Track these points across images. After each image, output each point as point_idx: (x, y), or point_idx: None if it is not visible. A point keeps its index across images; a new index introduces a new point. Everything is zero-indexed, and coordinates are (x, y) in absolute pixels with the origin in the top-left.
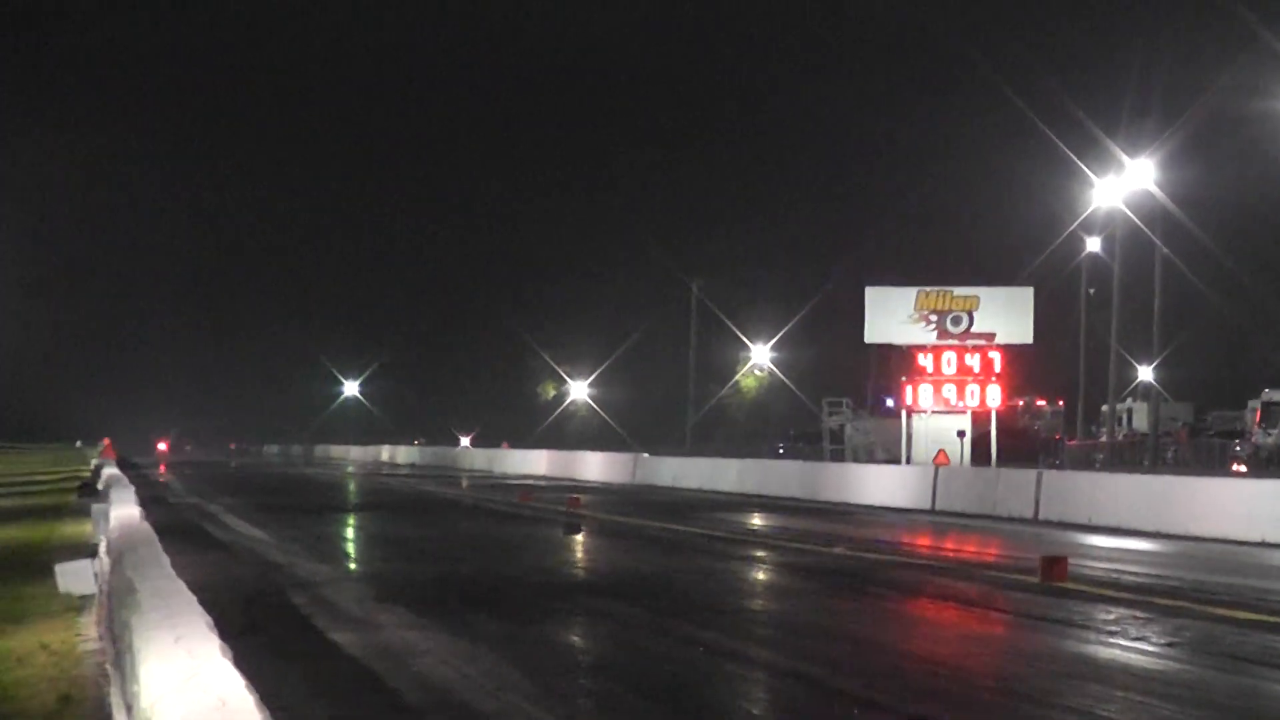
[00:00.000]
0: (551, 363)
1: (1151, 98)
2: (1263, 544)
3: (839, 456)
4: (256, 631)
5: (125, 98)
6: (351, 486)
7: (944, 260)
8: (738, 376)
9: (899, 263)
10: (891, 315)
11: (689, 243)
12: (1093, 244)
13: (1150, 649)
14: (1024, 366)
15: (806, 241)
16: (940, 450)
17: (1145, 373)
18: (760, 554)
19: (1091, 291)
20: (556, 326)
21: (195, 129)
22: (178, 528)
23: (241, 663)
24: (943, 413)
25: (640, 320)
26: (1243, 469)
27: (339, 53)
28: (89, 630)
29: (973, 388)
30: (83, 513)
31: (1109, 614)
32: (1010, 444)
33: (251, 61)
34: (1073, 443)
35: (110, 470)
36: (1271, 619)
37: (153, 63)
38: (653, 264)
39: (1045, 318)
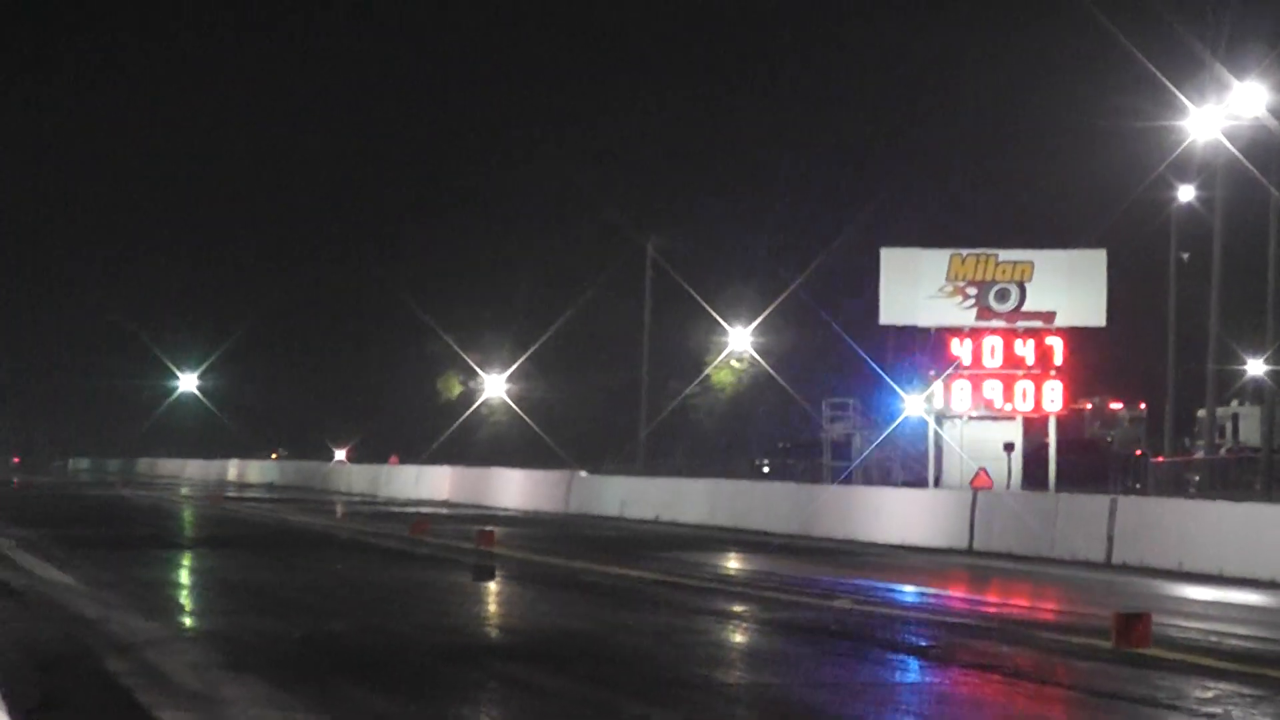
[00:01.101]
0: (458, 349)
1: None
2: None
3: (844, 478)
4: (56, 708)
5: None
6: (187, 514)
7: (986, 220)
8: (709, 369)
9: (927, 223)
10: (916, 287)
11: (647, 192)
12: (1186, 193)
13: None
14: (1094, 357)
15: (805, 194)
16: (981, 470)
17: (1256, 367)
18: (737, 608)
19: (1185, 258)
20: (466, 303)
21: None
22: None
23: None
24: (985, 419)
25: (578, 296)
26: None
27: None
28: None
29: (1024, 386)
30: None
31: (1206, 691)
32: (1075, 461)
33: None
34: (1159, 460)
35: None
36: None
37: None
38: (598, 219)
39: (1122, 293)
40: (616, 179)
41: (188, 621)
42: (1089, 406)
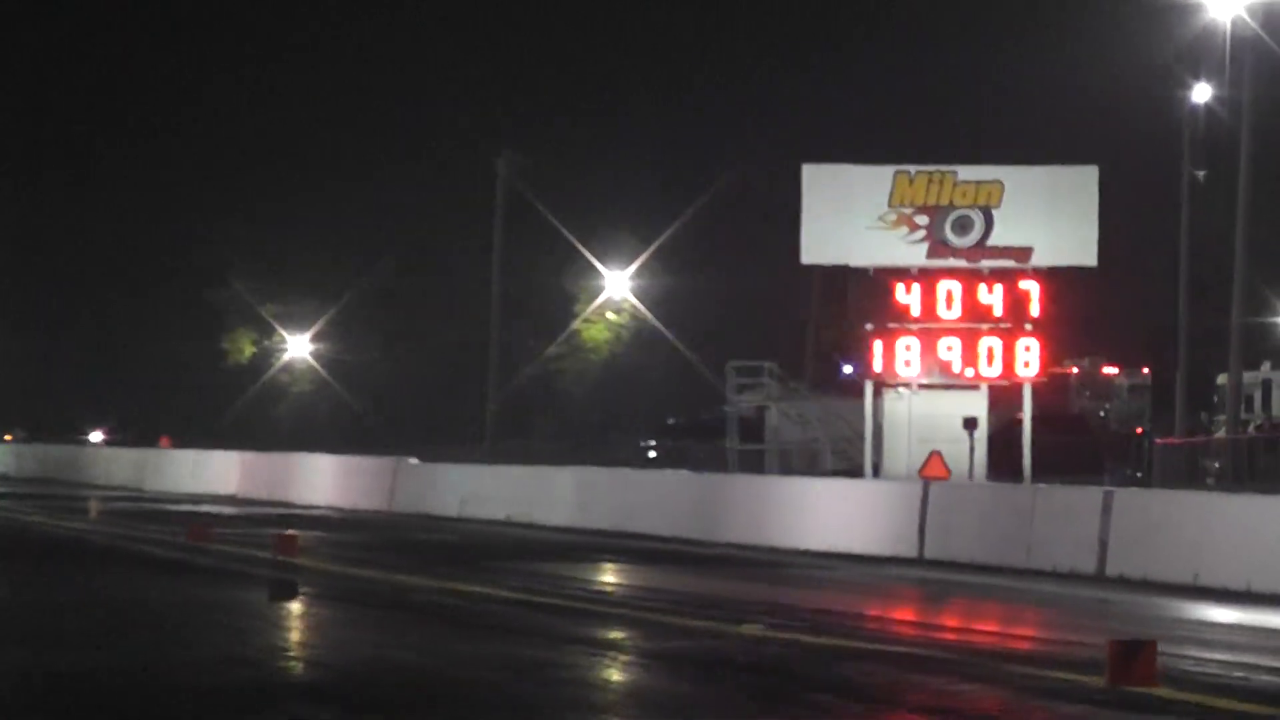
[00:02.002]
0: (250, 300)
1: None
2: None
3: (756, 464)
4: None
5: None
6: None
7: (943, 136)
8: (577, 323)
9: (865, 140)
10: (849, 215)
11: (501, 95)
12: (1201, 93)
13: None
14: (1083, 307)
15: (709, 105)
16: (933, 454)
17: None
18: (615, 635)
19: (1201, 177)
20: (261, 241)
21: None
22: None
23: None
24: (939, 387)
25: (407, 230)
26: None
27: None
28: None
29: (991, 344)
30: None
31: None
32: (1058, 443)
33: None
34: (1168, 441)
35: None
36: None
37: None
38: (435, 128)
39: (1120, 223)
40: (467, 85)
41: None
42: (1076, 371)
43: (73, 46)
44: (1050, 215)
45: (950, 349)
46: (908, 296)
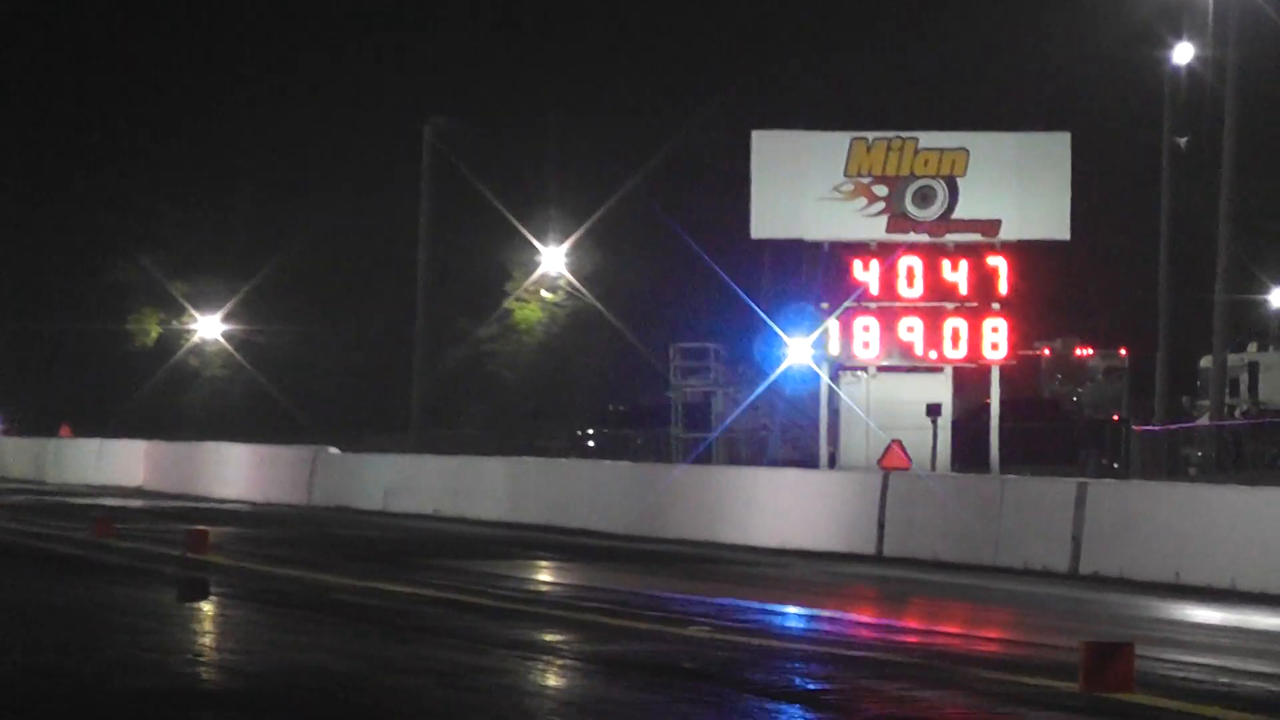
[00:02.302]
0: (157, 276)
1: None
2: None
3: (703, 454)
4: None
5: None
6: None
7: (904, 103)
8: (509, 302)
9: (820, 107)
10: (802, 186)
11: (429, 58)
12: (1183, 53)
13: None
14: (1055, 285)
15: (652, 63)
16: (893, 443)
17: None
18: (550, 638)
19: (1182, 144)
20: (170, 212)
21: None
22: None
23: None
24: (900, 371)
25: (328, 205)
26: None
27: None
28: None
29: (956, 325)
30: None
31: None
32: (1028, 431)
33: None
34: (1147, 428)
35: None
36: None
37: None
38: (358, 93)
39: (1095, 194)
40: (394, 49)
41: None
42: (1047, 353)
43: None
44: (1020, 185)
45: (912, 330)
46: (866, 273)
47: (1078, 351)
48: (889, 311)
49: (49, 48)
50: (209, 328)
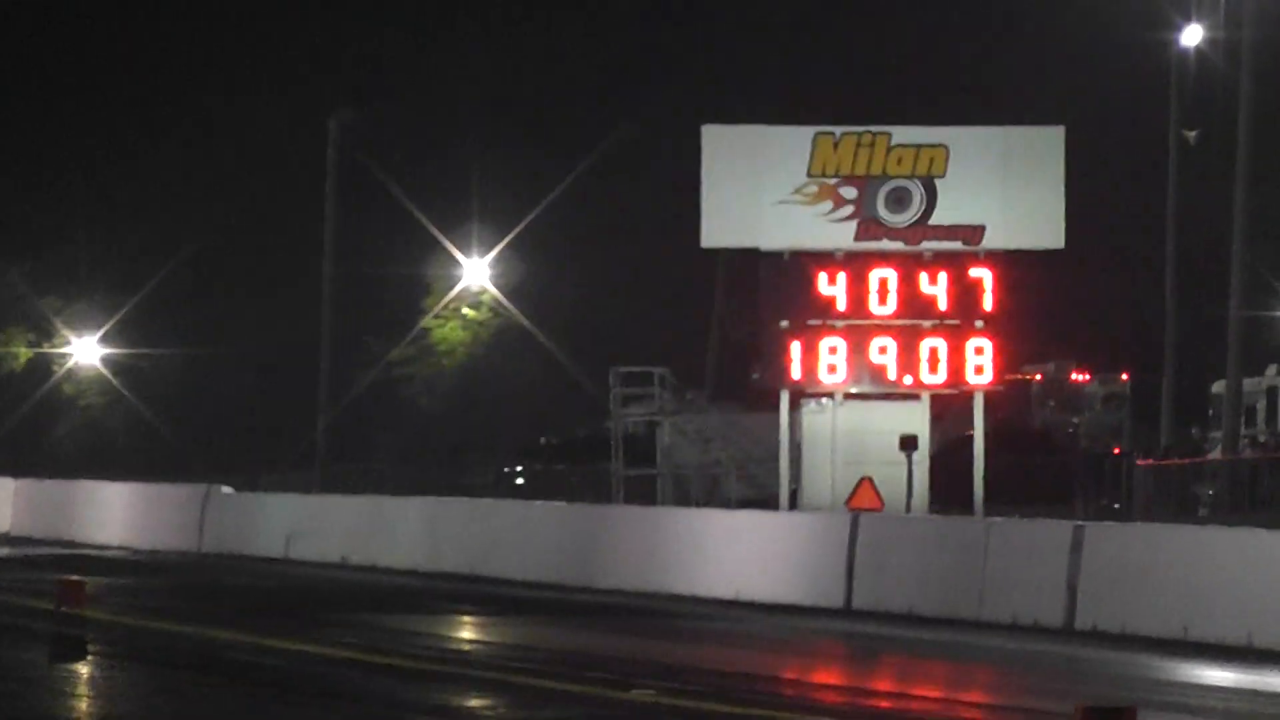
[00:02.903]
0: (26, 290)
1: None
2: None
3: (646, 492)
4: None
5: None
6: None
7: (877, 96)
8: (427, 320)
9: (780, 95)
10: (759, 187)
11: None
12: (1191, 35)
13: None
14: (1047, 300)
15: (591, 51)
16: (863, 481)
17: None
18: (476, 703)
19: (1191, 138)
20: (41, 219)
21: None
22: None
23: None
24: (869, 398)
25: (222, 210)
26: None
27: None
28: None
29: (934, 345)
30: None
31: None
32: (1018, 466)
33: None
34: (1151, 462)
35: None
36: None
37: None
38: (258, 88)
39: (1093, 196)
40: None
41: None
42: (1039, 378)
43: None
44: (1006, 187)
45: (884, 351)
46: (832, 287)
47: (1073, 376)
48: (858, 330)
49: None
50: (85, 350)
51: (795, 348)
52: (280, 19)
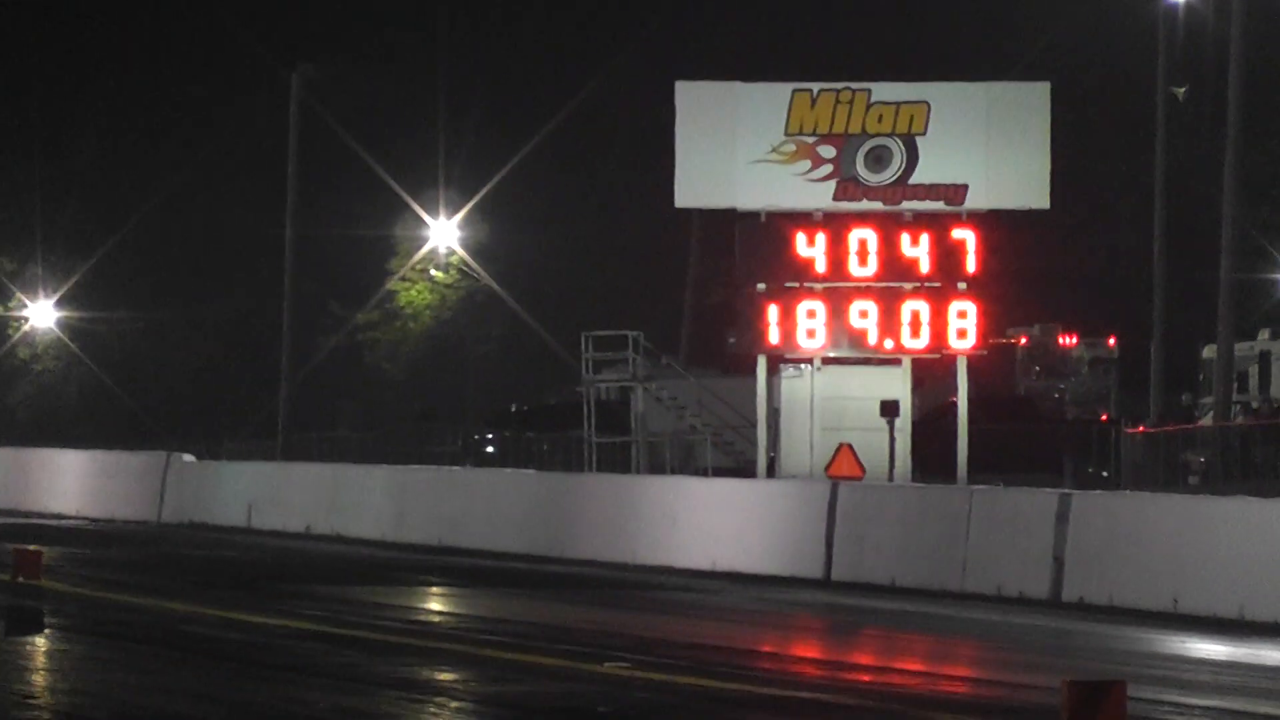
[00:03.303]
0: None
1: None
2: None
3: (619, 460)
4: None
5: None
6: None
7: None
8: (393, 283)
9: (756, 50)
10: (734, 145)
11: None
12: None
13: None
14: (1032, 261)
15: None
16: (843, 448)
17: None
18: (444, 676)
19: (1180, 95)
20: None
21: None
22: None
23: None
24: (850, 363)
25: (181, 166)
26: None
27: None
28: None
29: (916, 308)
30: None
31: None
32: (1002, 433)
33: None
34: (1140, 430)
35: None
36: None
37: None
38: (218, 37)
39: (1079, 155)
40: None
41: None
42: (1024, 342)
43: None
44: (989, 145)
45: (864, 315)
46: (810, 248)
47: (1059, 340)
48: (837, 293)
49: None
50: (40, 314)
51: (773, 311)
52: None
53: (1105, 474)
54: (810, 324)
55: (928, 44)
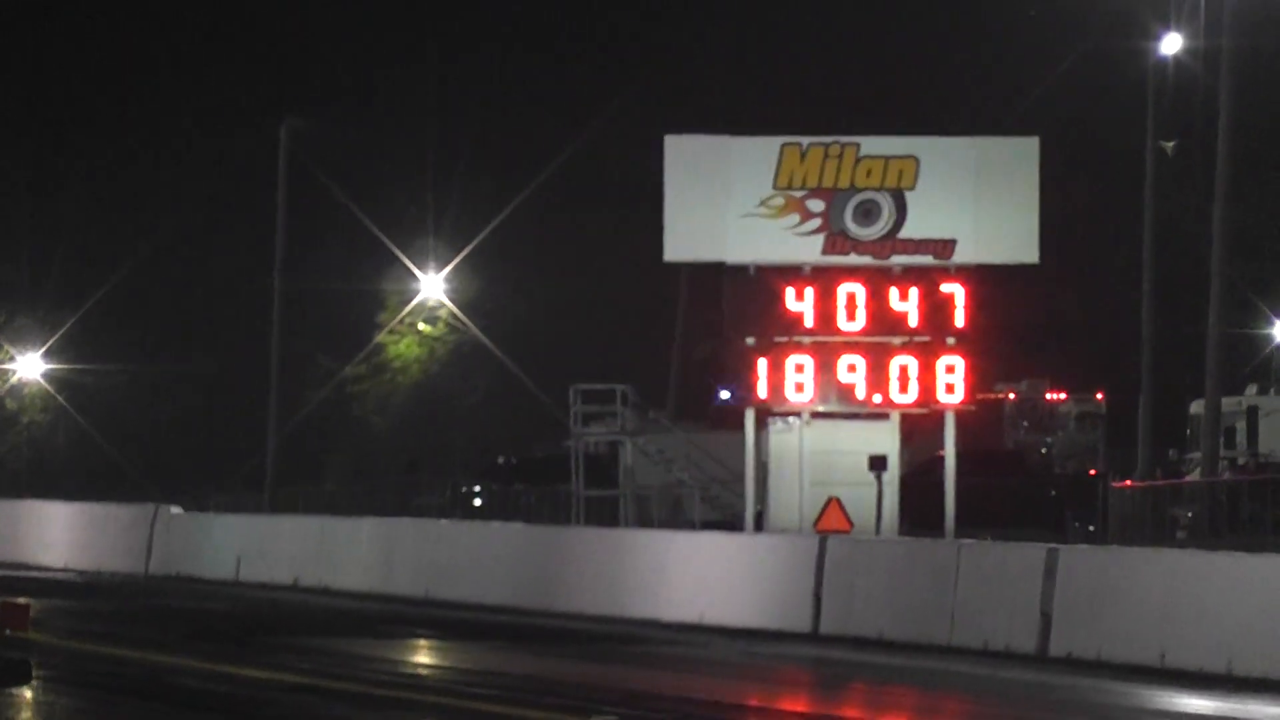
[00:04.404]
0: None
1: None
2: None
3: (607, 514)
4: None
5: None
6: None
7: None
8: (381, 336)
9: (746, 104)
10: (723, 200)
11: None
12: (1170, 44)
13: None
14: (1021, 316)
15: (550, 59)
16: (831, 502)
17: None
18: None
19: (1169, 149)
20: None
21: None
22: None
23: None
24: (838, 417)
25: (171, 220)
26: None
27: None
28: None
29: (904, 363)
30: None
31: None
32: (989, 488)
33: None
34: (1127, 484)
35: None
36: None
37: None
38: (207, 90)
39: (1068, 209)
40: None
41: None
42: (1012, 397)
43: None
44: (978, 199)
45: (853, 369)
46: (799, 303)
47: (1047, 395)
48: (826, 347)
49: None
50: (28, 366)
51: (761, 365)
52: (230, 25)
53: (1092, 528)
54: (799, 378)
55: (917, 98)
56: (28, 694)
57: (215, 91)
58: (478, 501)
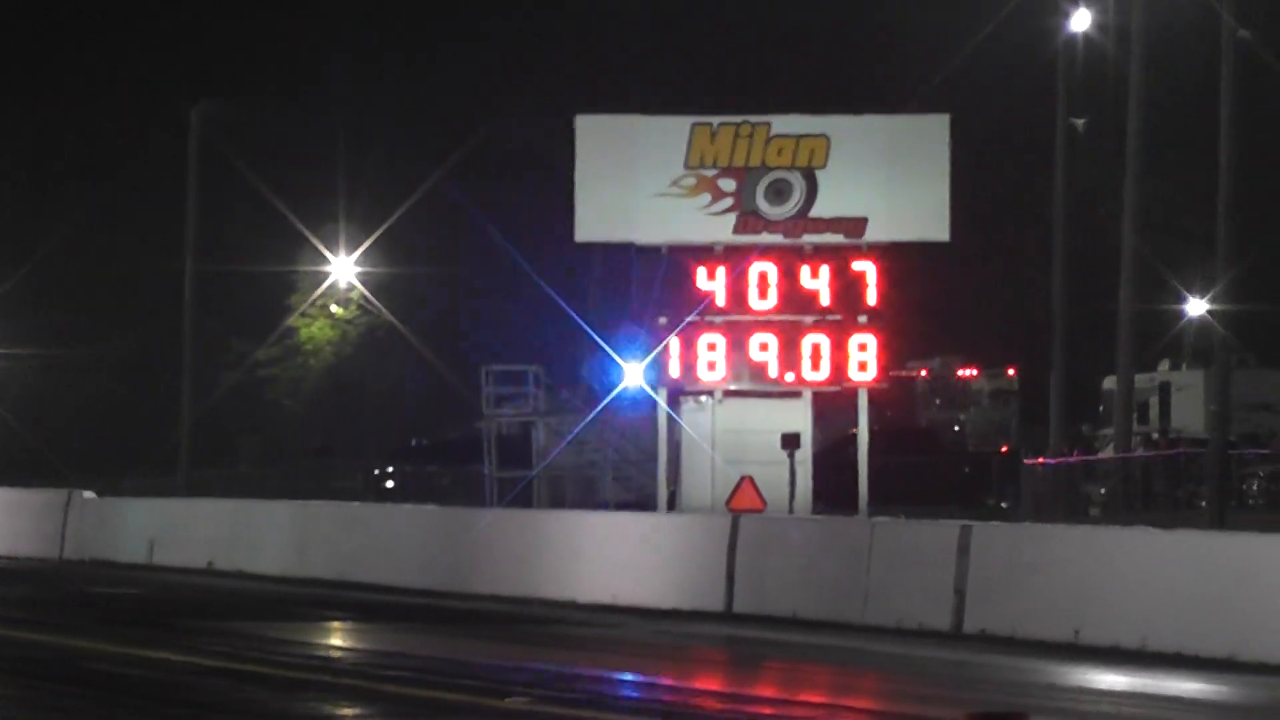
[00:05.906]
0: None
1: None
2: None
3: (521, 495)
4: None
5: None
6: None
7: (754, 77)
8: (293, 319)
9: (656, 85)
10: (634, 179)
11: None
12: (1080, 21)
13: None
14: (932, 294)
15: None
16: (744, 481)
17: (1199, 306)
18: (346, 711)
19: (1080, 126)
20: None
21: None
22: None
23: None
24: (751, 395)
25: (79, 202)
26: None
27: None
28: None
29: (816, 341)
30: None
31: None
32: (903, 465)
33: None
34: (1040, 461)
35: None
36: None
37: None
38: (117, 72)
39: (978, 187)
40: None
41: None
42: (924, 374)
43: None
44: (890, 178)
45: (765, 347)
46: (710, 282)
47: (960, 372)
48: (738, 326)
49: None
50: None
51: (673, 344)
52: (143, 5)
53: (1005, 505)
54: (711, 356)
55: (827, 76)
56: None
57: (126, 74)
58: (390, 484)
